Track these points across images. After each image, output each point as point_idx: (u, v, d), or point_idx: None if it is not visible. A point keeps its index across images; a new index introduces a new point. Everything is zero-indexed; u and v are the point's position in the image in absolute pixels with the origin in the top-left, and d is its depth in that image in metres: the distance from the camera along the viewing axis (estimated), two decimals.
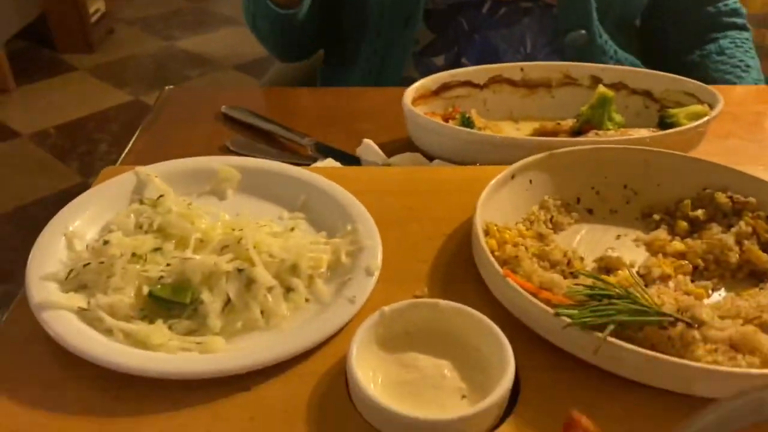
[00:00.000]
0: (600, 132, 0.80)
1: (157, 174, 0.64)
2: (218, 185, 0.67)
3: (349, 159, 0.82)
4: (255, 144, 0.82)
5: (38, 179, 2.47)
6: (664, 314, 0.48)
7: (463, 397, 0.47)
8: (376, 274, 0.56)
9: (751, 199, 0.64)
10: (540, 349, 0.50)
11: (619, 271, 0.58)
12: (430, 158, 0.80)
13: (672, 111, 0.82)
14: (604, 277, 0.51)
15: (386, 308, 0.50)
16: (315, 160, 0.81)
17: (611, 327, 0.47)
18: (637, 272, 0.60)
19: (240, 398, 0.47)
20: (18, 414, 0.45)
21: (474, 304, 0.50)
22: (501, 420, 0.46)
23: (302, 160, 0.80)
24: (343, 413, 0.46)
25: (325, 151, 0.83)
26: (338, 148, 0.84)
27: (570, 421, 0.40)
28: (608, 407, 0.46)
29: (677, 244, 0.62)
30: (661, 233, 0.65)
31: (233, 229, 0.57)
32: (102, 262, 0.54)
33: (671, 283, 0.58)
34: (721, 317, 0.51)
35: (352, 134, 0.87)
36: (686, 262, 0.61)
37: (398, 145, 0.88)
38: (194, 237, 0.56)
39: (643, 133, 0.78)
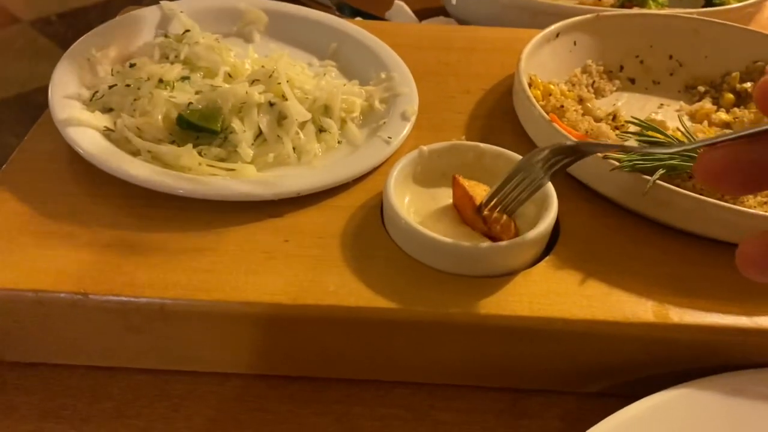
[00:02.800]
0: (643, 10, 0.76)
1: (182, 10, 0.61)
2: (245, 27, 0.63)
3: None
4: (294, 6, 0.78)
5: (40, 66, 2.41)
6: None
7: None
8: (413, 119, 0.54)
9: None
10: (584, 198, 0.49)
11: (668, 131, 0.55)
12: (463, 23, 0.76)
13: None
14: (656, 126, 0.48)
15: (425, 147, 0.48)
16: None
17: (661, 171, 0.45)
18: None
19: (272, 223, 0.45)
20: (45, 225, 0.44)
21: None
22: (541, 258, 0.44)
23: None
24: (378, 241, 0.44)
25: (351, 11, 0.79)
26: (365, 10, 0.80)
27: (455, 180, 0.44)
28: (648, 252, 0.45)
29: (723, 114, 0.60)
30: (706, 104, 0.62)
31: (263, 66, 0.54)
32: (128, 85, 0.51)
33: None
34: None
35: None
36: (732, 131, 0.58)
37: (431, 12, 0.84)
38: (223, 69, 0.54)
39: (691, 10, 0.74)
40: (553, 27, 0.61)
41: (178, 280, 0.41)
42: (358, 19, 0.77)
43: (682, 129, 0.51)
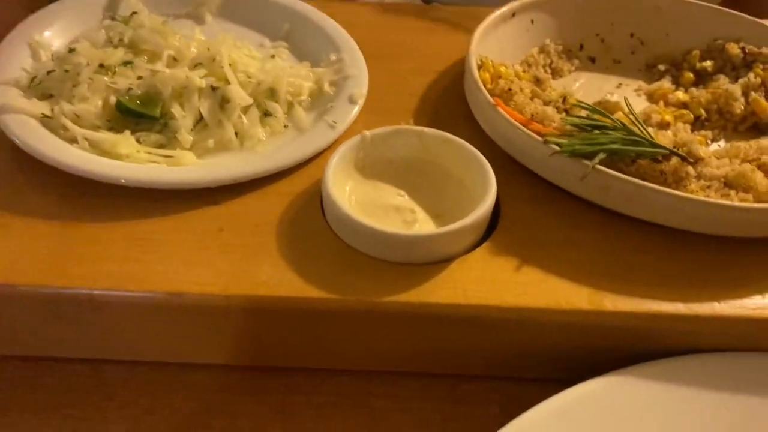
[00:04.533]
0: None
1: None
2: (196, 9, 0.62)
3: None
4: None
5: None
6: (659, 146, 0.45)
7: (438, 224, 0.45)
8: (360, 102, 0.53)
9: (765, 50, 0.60)
10: (525, 183, 0.48)
11: (618, 114, 0.55)
12: (428, 2, 0.75)
13: None
14: (602, 110, 0.48)
15: (368, 132, 0.47)
16: None
17: (602, 155, 0.44)
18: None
19: (209, 211, 0.45)
20: None
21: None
22: (479, 245, 0.44)
23: None
24: (316, 230, 0.44)
25: None
26: None
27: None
28: (588, 237, 0.45)
29: (680, 94, 0.59)
30: (665, 83, 0.61)
31: (208, 48, 0.53)
32: (67, 71, 0.50)
33: (669, 132, 0.55)
34: (718, 158, 0.48)
35: None
36: (688, 111, 0.58)
37: None
38: (167, 53, 0.53)
39: None
40: (507, 6, 0.60)
41: (110, 270, 0.41)
42: None
43: (634, 114, 0.50)
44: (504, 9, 0.59)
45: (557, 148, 0.45)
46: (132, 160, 0.47)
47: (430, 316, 0.40)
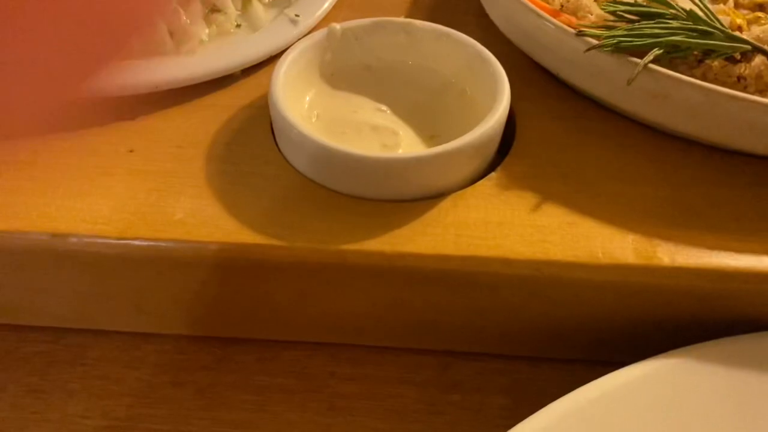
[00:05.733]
0: None
1: None
2: None
3: None
4: None
5: None
6: (738, 39, 0.33)
7: (430, 146, 0.33)
8: None
9: None
10: (550, 93, 0.36)
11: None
12: None
13: None
14: None
15: (337, 25, 0.35)
16: None
17: (657, 51, 0.31)
18: None
19: (120, 127, 0.33)
20: None
21: None
22: (482, 176, 0.32)
23: None
24: (259, 152, 0.32)
25: None
26: None
27: None
28: (633, 165, 0.32)
29: None
30: None
31: None
32: None
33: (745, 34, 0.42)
34: None
35: None
36: (765, 15, 0.44)
37: None
38: None
39: None
40: None
41: None
42: None
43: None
44: None
45: (595, 41, 0.32)
46: None
47: (410, 272, 0.29)
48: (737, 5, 0.45)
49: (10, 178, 0.31)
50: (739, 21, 0.43)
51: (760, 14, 0.44)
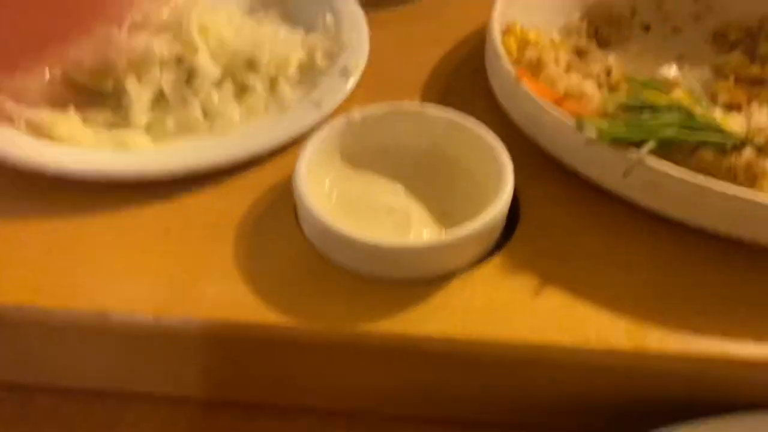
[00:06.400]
0: None
1: None
2: None
3: None
4: None
5: None
6: (728, 133, 0.35)
7: (441, 228, 0.36)
8: (356, 76, 0.44)
9: None
10: (553, 178, 0.38)
11: (676, 91, 0.44)
12: None
13: None
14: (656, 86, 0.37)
15: (357, 112, 0.38)
16: None
17: (652, 144, 0.34)
18: None
19: (157, 208, 0.37)
20: None
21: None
22: (489, 257, 0.35)
23: None
24: (285, 234, 0.35)
25: None
26: None
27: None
28: (632, 250, 0.35)
29: (756, 68, 0.48)
30: (736, 55, 0.50)
31: (178, 12, 0.44)
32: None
33: (742, 115, 0.44)
34: None
35: None
36: (766, 90, 0.46)
37: None
38: (130, 17, 0.44)
39: None
40: None
41: (24, 280, 0.33)
42: None
43: (697, 91, 0.40)
44: None
45: (595, 133, 0.35)
46: (74, 143, 0.39)
47: (416, 353, 0.31)
48: (738, 81, 0.48)
49: (60, 258, 0.34)
50: (738, 98, 0.45)
51: (760, 90, 0.47)
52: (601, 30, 0.52)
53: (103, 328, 0.32)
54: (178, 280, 0.33)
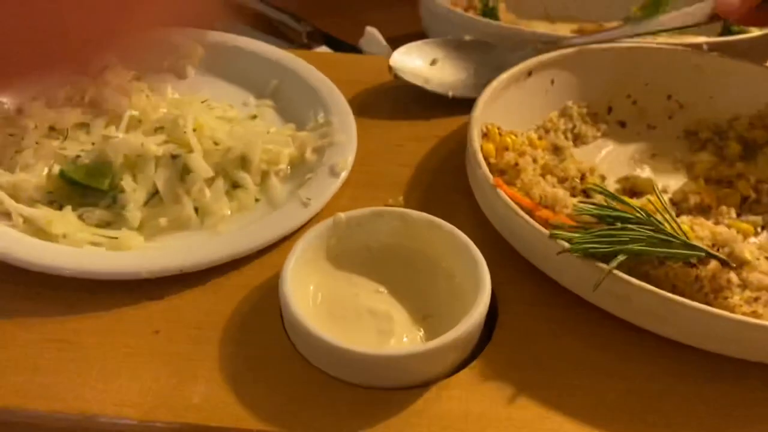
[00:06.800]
0: (649, 39, 0.66)
1: None
2: (177, 61, 0.56)
3: (349, 50, 0.70)
4: (237, 25, 0.71)
5: None
6: (694, 247, 0.37)
7: (421, 330, 0.37)
8: (343, 175, 0.46)
9: None
10: (528, 281, 0.40)
11: (647, 196, 0.46)
12: None
13: None
14: (625, 198, 0.39)
15: (342, 215, 0.40)
16: (309, 48, 0.70)
17: (621, 258, 0.36)
18: (670, 199, 0.49)
19: (147, 307, 0.38)
20: None
21: (460, 223, 0.39)
22: (466, 362, 0.36)
23: (292, 47, 0.68)
24: (269, 336, 0.37)
25: (321, 39, 0.71)
26: (338, 37, 0.72)
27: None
28: (607, 359, 0.36)
29: (725, 169, 0.50)
30: (706, 155, 0.52)
31: (176, 111, 0.47)
32: (12, 135, 0.45)
33: (711, 221, 0.46)
34: None
35: (358, 25, 0.75)
36: (733, 191, 0.49)
37: (410, 39, 0.76)
38: (128, 114, 0.47)
39: (701, 40, 0.64)
40: (524, 64, 0.52)
41: (14, 382, 0.34)
42: (324, 48, 0.69)
43: (664, 200, 0.41)
44: (518, 67, 0.52)
45: (566, 245, 0.37)
46: (69, 241, 0.40)
47: None
48: (708, 181, 0.50)
49: (52, 358, 0.35)
50: (708, 200, 0.48)
51: (728, 190, 0.49)
52: (578, 127, 0.54)
53: (92, 430, 0.33)
54: (165, 384, 0.34)
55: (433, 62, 0.58)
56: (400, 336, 0.36)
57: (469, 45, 0.60)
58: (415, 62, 0.57)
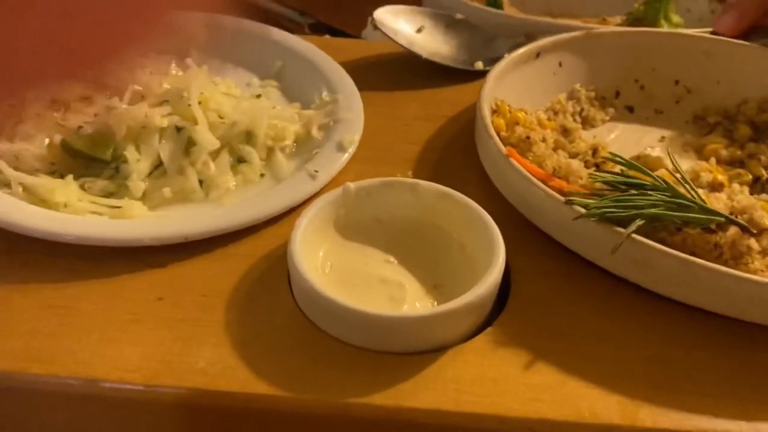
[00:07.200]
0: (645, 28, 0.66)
1: None
2: (180, 43, 0.56)
3: None
4: (239, 20, 0.70)
5: None
6: (713, 212, 0.36)
7: (433, 300, 0.36)
8: (351, 150, 0.45)
9: None
10: (543, 252, 0.39)
11: (661, 170, 0.45)
12: None
13: None
14: (641, 167, 0.39)
15: (352, 184, 0.39)
16: None
17: (639, 222, 0.35)
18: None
19: (149, 275, 0.37)
20: None
21: (470, 197, 0.38)
22: (480, 331, 0.35)
23: None
24: (277, 303, 0.35)
25: (323, 31, 0.71)
26: (340, 29, 0.72)
27: None
28: (622, 326, 0.35)
29: (736, 150, 0.50)
30: (716, 137, 0.52)
31: (179, 84, 0.46)
32: (12, 105, 0.44)
33: (724, 194, 0.45)
34: None
35: (362, 18, 0.75)
36: (745, 171, 0.48)
37: None
38: (131, 87, 0.46)
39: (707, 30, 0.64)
40: (533, 45, 0.52)
41: (13, 347, 0.33)
42: (327, 37, 0.69)
43: (681, 172, 0.41)
44: (528, 47, 0.51)
45: (583, 210, 0.36)
46: (71, 210, 0.39)
47: (409, 425, 0.31)
48: (719, 161, 0.49)
49: (51, 324, 0.34)
50: (720, 178, 0.47)
51: (740, 170, 0.48)
52: (587, 110, 0.54)
53: (93, 395, 0.32)
54: (170, 349, 0.33)
55: (419, 30, 0.58)
56: (413, 303, 0.35)
57: (459, 23, 0.60)
58: (401, 25, 0.57)
